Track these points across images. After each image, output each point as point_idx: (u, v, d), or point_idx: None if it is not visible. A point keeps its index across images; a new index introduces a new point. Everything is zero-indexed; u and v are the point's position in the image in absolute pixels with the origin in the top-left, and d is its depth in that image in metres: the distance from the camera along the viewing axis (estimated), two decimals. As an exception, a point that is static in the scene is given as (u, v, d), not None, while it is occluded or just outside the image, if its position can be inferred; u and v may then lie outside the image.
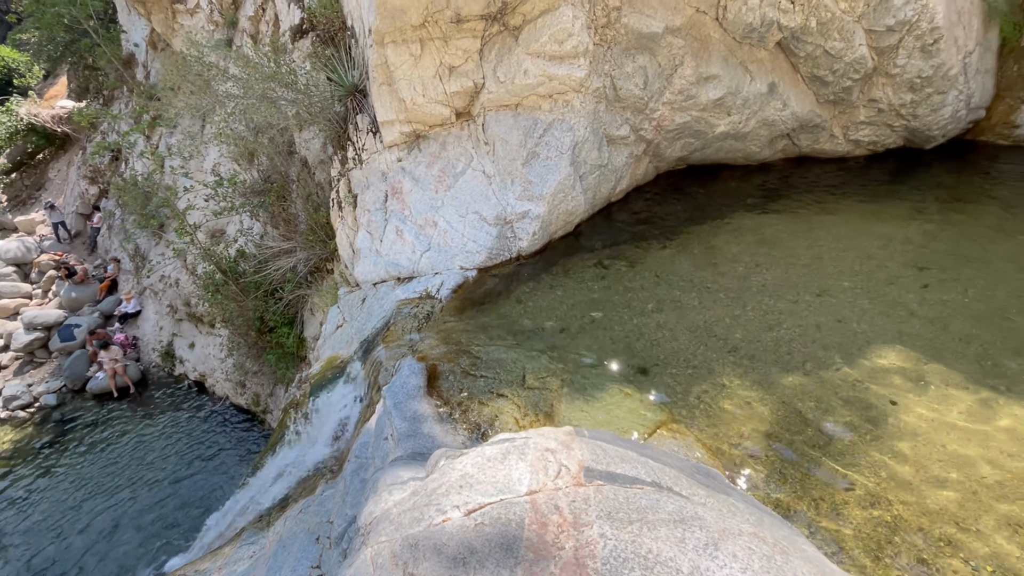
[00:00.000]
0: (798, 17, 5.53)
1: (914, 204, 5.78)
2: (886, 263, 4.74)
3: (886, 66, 5.88)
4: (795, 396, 3.45)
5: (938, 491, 2.78)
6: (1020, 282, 4.31)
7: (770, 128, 6.33)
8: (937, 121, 6.22)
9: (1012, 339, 3.74)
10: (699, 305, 4.43)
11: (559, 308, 4.63)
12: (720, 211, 6.02)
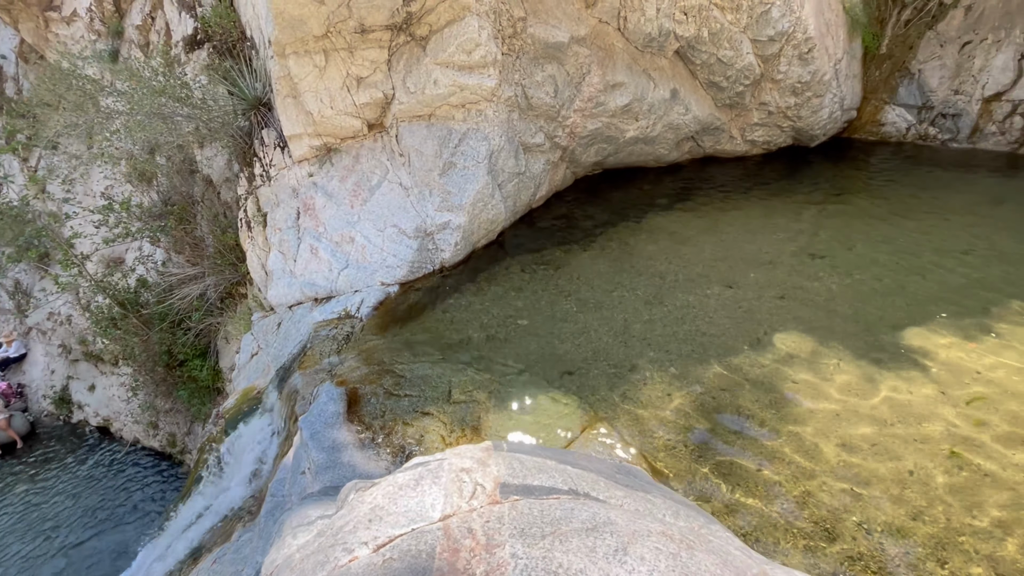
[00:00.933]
0: (691, 28, 5.89)
1: (805, 197, 6.33)
2: (783, 253, 5.13)
3: (771, 72, 6.40)
4: (710, 385, 3.62)
5: (835, 462, 3.02)
6: (892, 264, 4.81)
7: (675, 131, 6.69)
8: (817, 121, 6.86)
9: (890, 316, 4.16)
10: (619, 305, 4.57)
11: (485, 317, 4.59)
12: (636, 212, 6.27)
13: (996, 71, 6.45)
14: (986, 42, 6.46)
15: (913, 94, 7.08)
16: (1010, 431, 3.11)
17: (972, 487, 2.82)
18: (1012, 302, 4.20)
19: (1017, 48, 6.29)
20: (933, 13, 6.70)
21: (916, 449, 3.06)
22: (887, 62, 7.14)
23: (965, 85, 6.71)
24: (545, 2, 5.40)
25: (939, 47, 6.78)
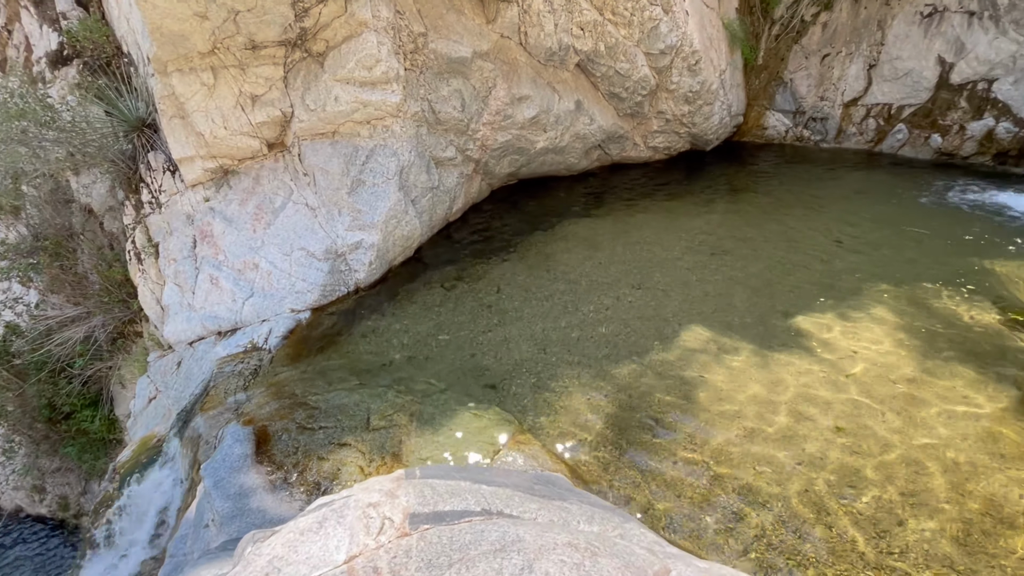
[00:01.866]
0: (589, 42, 6.17)
1: (705, 198, 6.81)
2: (687, 252, 5.47)
3: (666, 83, 6.85)
4: (626, 384, 3.77)
5: (740, 446, 3.24)
6: (780, 256, 5.29)
7: (583, 141, 6.96)
8: (710, 127, 7.42)
9: (778, 303, 4.56)
10: (539, 313, 4.65)
11: (405, 337, 4.49)
12: (551, 220, 6.43)
13: (851, 80, 7.33)
14: (841, 54, 7.33)
15: (788, 100, 7.87)
16: (881, 405, 3.51)
17: (854, 460, 3.14)
18: (879, 283, 4.76)
19: (865, 60, 7.19)
20: (797, 29, 7.50)
21: (808, 427, 3.36)
22: (764, 72, 7.89)
23: (828, 92, 7.57)
24: (445, 18, 5.43)
25: (805, 59, 7.60)
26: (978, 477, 2.94)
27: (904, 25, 6.82)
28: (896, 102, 7.12)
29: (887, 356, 3.88)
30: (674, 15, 6.25)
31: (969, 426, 3.26)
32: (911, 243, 5.35)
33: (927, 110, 6.91)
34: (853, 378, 3.71)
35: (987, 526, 2.71)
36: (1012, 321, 4.14)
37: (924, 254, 5.14)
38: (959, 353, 3.86)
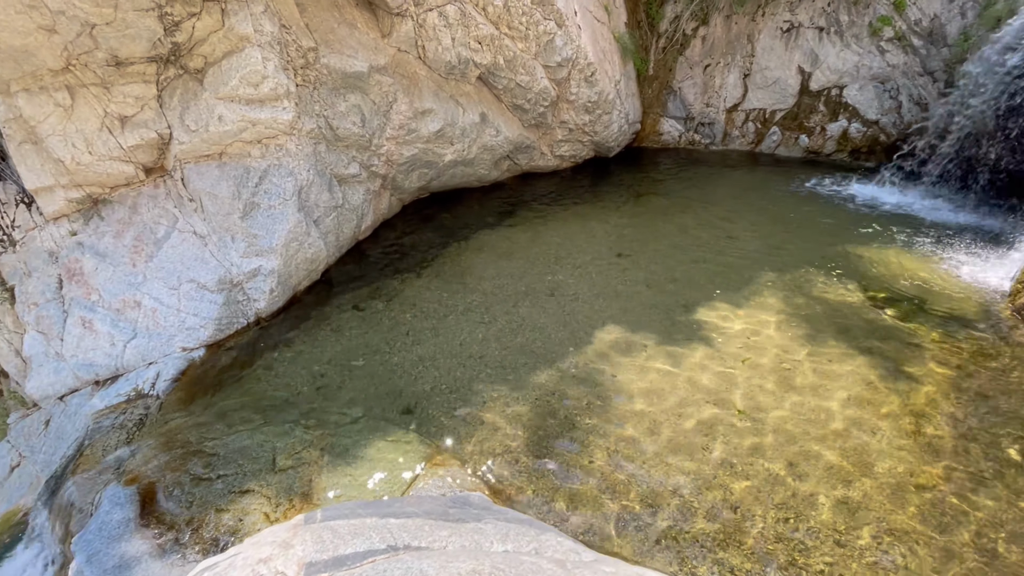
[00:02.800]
0: (488, 56, 6.25)
1: (611, 203, 7.12)
2: (596, 257, 5.68)
3: (566, 94, 7.10)
4: (544, 392, 3.81)
5: (652, 440, 3.39)
6: (679, 253, 5.63)
7: (491, 152, 7.03)
8: (610, 135, 7.79)
9: (680, 298, 4.84)
10: (455, 328, 4.59)
11: (316, 365, 4.25)
12: (466, 232, 6.42)
13: (730, 87, 8.02)
14: (720, 65, 8.01)
15: (678, 107, 8.46)
16: (773, 386, 3.82)
17: (755, 440, 3.38)
18: (766, 272, 5.20)
19: (741, 70, 7.91)
20: (681, 42, 8.11)
21: (711, 415, 3.58)
22: (655, 82, 8.43)
23: (712, 99, 8.23)
24: (337, 32, 5.26)
25: (690, 69, 8.22)
26: (855, 438, 3.28)
27: (769, 39, 7.59)
28: (769, 107, 7.89)
29: (775, 339, 4.25)
30: (567, 29, 6.50)
31: (847, 394, 3.63)
32: (789, 234, 5.93)
33: (794, 114, 7.72)
34: (749, 363, 4.01)
35: (879, 486, 3.02)
36: (872, 298, 4.69)
37: (800, 243, 5.71)
38: (834, 330, 4.30)
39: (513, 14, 6.07)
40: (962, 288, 4.76)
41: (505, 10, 6.00)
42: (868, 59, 6.96)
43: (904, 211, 6.16)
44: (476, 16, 5.95)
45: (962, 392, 3.63)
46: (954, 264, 5.11)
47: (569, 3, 6.71)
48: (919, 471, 3.09)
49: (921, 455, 3.19)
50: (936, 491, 2.98)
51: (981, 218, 5.88)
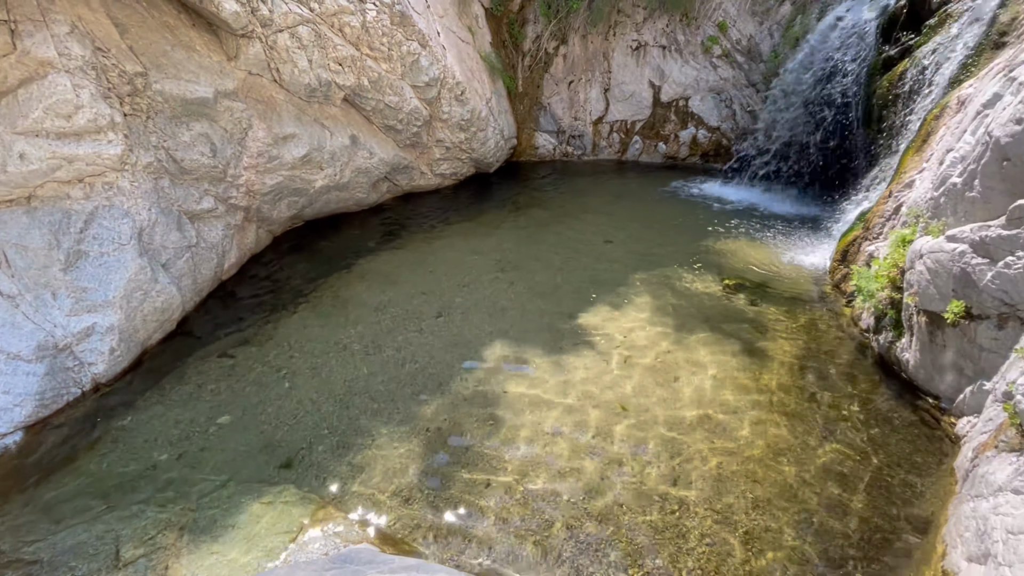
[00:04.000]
0: (351, 77, 6.05)
1: (494, 217, 7.20)
2: (482, 273, 5.69)
3: (438, 113, 7.09)
4: (436, 419, 3.70)
5: (544, 451, 3.42)
6: (561, 262, 5.82)
7: (367, 175, 6.79)
8: (488, 151, 7.92)
9: (564, 306, 5.01)
10: (338, 364, 4.32)
11: (174, 429, 3.73)
12: (347, 259, 6.10)
13: (594, 102, 8.58)
14: (582, 81, 8.54)
15: (550, 122, 8.86)
16: (651, 380, 4.06)
17: (638, 433, 3.56)
18: (638, 272, 5.57)
19: (601, 85, 8.50)
20: (544, 60, 8.51)
21: (598, 417, 3.71)
22: (526, 98, 8.75)
23: (580, 113, 8.73)
24: (170, 56, 4.76)
25: (556, 85, 8.65)
26: (721, 414, 3.59)
27: (622, 56, 8.24)
28: (629, 118, 8.55)
29: (650, 334, 4.54)
30: (432, 49, 6.51)
31: (712, 378, 3.97)
32: (656, 234, 6.43)
33: (651, 123, 8.45)
34: (629, 360, 4.24)
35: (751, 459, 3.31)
36: (727, 287, 5.23)
37: (666, 242, 6.22)
38: (698, 320, 4.71)
39: (373, 35, 5.94)
40: (796, 270, 5.48)
41: (364, 31, 5.86)
42: (705, 73, 7.83)
43: (746, 205, 6.99)
44: (333, 37, 5.73)
45: (803, 359, 4.14)
46: (788, 250, 5.88)
47: (431, 24, 6.74)
48: (775, 433, 3.46)
49: (776, 418, 3.58)
50: (790, 452, 3.35)
51: (806, 208, 6.84)
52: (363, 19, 5.80)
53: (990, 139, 2.72)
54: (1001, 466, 2.30)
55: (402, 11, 6.03)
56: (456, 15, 7.56)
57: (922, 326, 3.41)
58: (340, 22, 5.69)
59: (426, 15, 6.65)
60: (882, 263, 3.83)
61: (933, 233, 3.25)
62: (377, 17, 5.89)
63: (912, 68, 4.76)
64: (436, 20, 6.90)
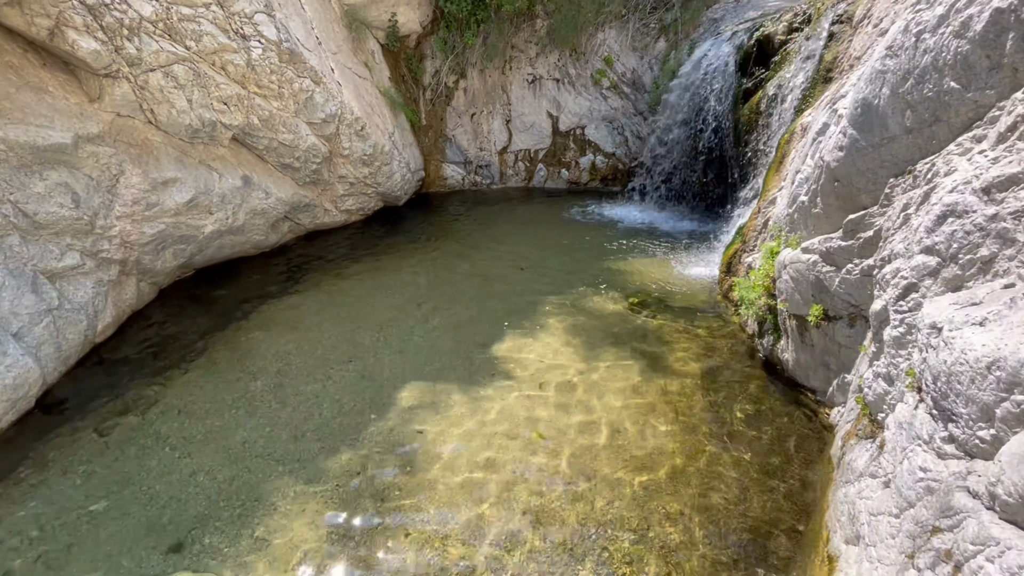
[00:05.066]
0: (238, 116, 5.75)
1: (405, 251, 7.10)
2: (394, 310, 5.56)
3: (338, 149, 6.93)
4: (345, 474, 3.50)
5: (465, 492, 3.35)
6: (474, 293, 5.85)
7: (264, 216, 6.44)
8: (395, 184, 7.84)
9: (478, 337, 5.01)
10: (235, 425, 3.97)
11: (32, 527, 3.21)
12: (246, 308, 5.70)
13: (497, 132, 8.83)
14: (484, 113, 8.77)
15: (456, 153, 8.98)
16: (565, 404, 4.14)
17: (550, 462, 3.59)
18: (549, 296, 5.72)
19: (503, 116, 8.78)
20: (445, 94, 8.66)
21: (517, 445, 3.71)
22: (431, 131, 8.82)
23: (485, 143, 8.94)
24: (16, 98, 4.26)
25: (459, 118, 8.81)
26: (630, 431, 3.73)
27: (519, 89, 8.59)
28: (532, 147, 8.88)
29: (563, 358, 4.65)
30: (327, 86, 6.38)
31: (622, 396, 4.13)
32: (565, 258, 6.67)
33: (553, 151, 8.83)
34: (544, 386, 4.30)
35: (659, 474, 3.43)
36: (632, 304, 5.52)
37: (574, 264, 6.47)
38: (607, 340, 4.91)
39: (260, 73, 5.72)
40: (691, 283, 5.92)
41: (250, 69, 5.62)
42: (597, 103, 8.37)
43: (645, 224, 7.47)
44: (215, 76, 5.44)
45: (701, 367, 4.44)
46: (684, 264, 6.34)
47: (324, 61, 6.62)
48: (680, 440, 3.65)
49: (680, 427, 3.78)
50: (697, 460, 3.54)
51: (697, 223, 7.45)
52: (248, 57, 5.57)
53: (823, 163, 3.14)
54: (861, 453, 2.58)
55: (291, 48, 5.87)
56: (351, 51, 7.50)
57: (794, 328, 3.80)
58: (222, 60, 5.42)
59: (318, 52, 6.52)
60: (757, 273, 4.24)
61: (792, 245, 3.66)
62: (263, 55, 5.69)
63: (765, 98, 5.40)
64: (329, 57, 6.79)
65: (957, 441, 1.74)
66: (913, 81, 2.34)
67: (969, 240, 1.89)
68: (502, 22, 7.90)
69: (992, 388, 1.54)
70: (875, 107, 2.60)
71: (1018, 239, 1.70)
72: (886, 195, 2.67)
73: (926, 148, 2.39)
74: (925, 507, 1.83)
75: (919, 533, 1.83)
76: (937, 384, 1.81)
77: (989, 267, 1.81)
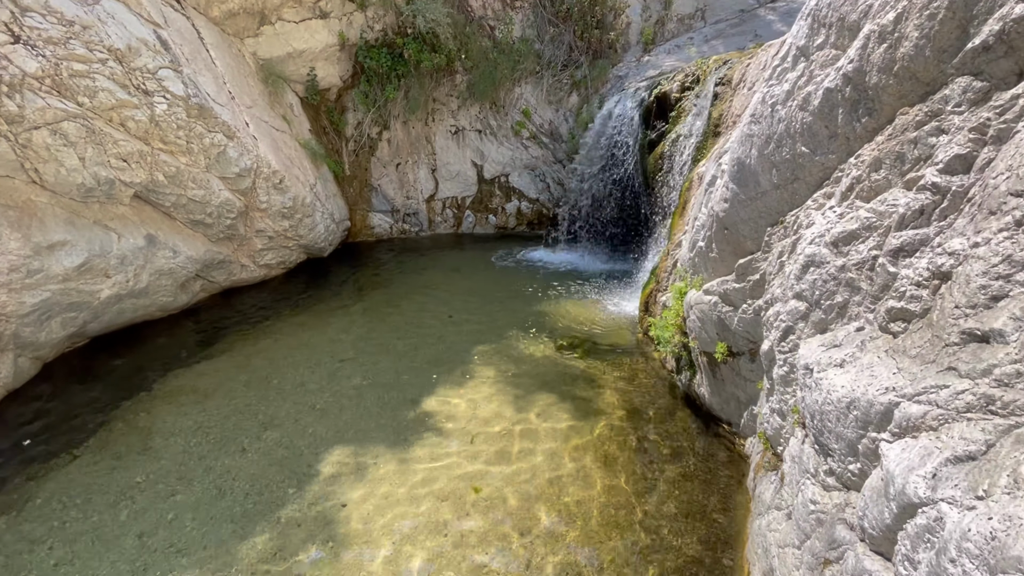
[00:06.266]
0: (141, 173, 5.45)
1: (330, 304, 6.87)
2: (317, 368, 5.31)
3: (255, 203, 6.70)
4: (260, 560, 3.21)
5: (396, 565, 3.17)
6: (402, 344, 5.72)
7: (172, 276, 6.03)
8: (318, 236, 7.65)
9: (408, 392, 4.88)
10: (131, 515, 3.56)
11: None
12: (149, 378, 5.22)
13: (423, 181, 8.93)
14: (409, 163, 8.87)
15: (383, 202, 8.95)
16: (497, 456, 4.09)
17: (492, 512, 3.50)
18: (480, 345, 5.71)
19: (428, 165, 8.92)
20: (369, 144, 8.69)
21: (449, 506, 3.58)
22: (355, 181, 8.76)
23: (412, 192, 8.99)
24: None
25: (384, 168, 8.84)
26: (564, 479, 3.73)
27: (443, 139, 8.80)
28: (459, 195, 9.04)
29: (494, 408, 4.62)
30: (241, 140, 6.22)
31: (554, 442, 4.13)
32: (495, 303, 6.73)
33: (480, 198, 9.04)
34: (476, 440, 4.23)
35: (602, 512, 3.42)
36: (560, 347, 5.63)
37: (503, 309, 6.53)
38: (538, 385, 4.94)
39: (166, 128, 5.48)
40: (615, 322, 6.15)
41: (154, 125, 5.38)
42: (519, 153, 8.72)
43: (570, 267, 7.74)
44: (113, 132, 5.15)
45: (627, 406, 4.56)
46: (608, 304, 6.59)
47: (238, 115, 6.47)
48: (611, 484, 3.68)
49: (613, 477, 3.83)
50: (631, 503, 3.58)
51: (619, 264, 7.81)
52: (151, 113, 5.34)
53: (714, 212, 3.44)
54: (768, 486, 2.74)
55: (200, 103, 5.70)
56: (267, 105, 7.39)
57: (705, 364, 4.02)
58: (121, 116, 5.16)
59: (231, 106, 6.38)
60: (669, 313, 4.49)
61: (696, 287, 3.93)
62: (169, 110, 5.48)
63: (666, 149, 5.88)
64: (243, 111, 6.65)
65: (835, 474, 1.90)
66: (774, 145, 2.65)
67: (827, 287, 2.14)
68: (422, 77, 8.14)
69: (853, 426, 1.72)
70: (748, 165, 2.91)
71: (862, 287, 1.95)
72: (766, 242, 2.96)
73: (791, 202, 2.70)
74: (817, 539, 1.96)
75: (815, 565, 1.95)
76: (815, 421, 1.98)
77: (844, 312, 2.05)
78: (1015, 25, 1.62)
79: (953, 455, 1.21)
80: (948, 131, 1.80)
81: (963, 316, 1.38)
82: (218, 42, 6.82)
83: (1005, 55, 1.66)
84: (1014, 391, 1.15)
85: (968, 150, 1.70)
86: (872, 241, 1.95)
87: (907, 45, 1.90)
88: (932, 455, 1.28)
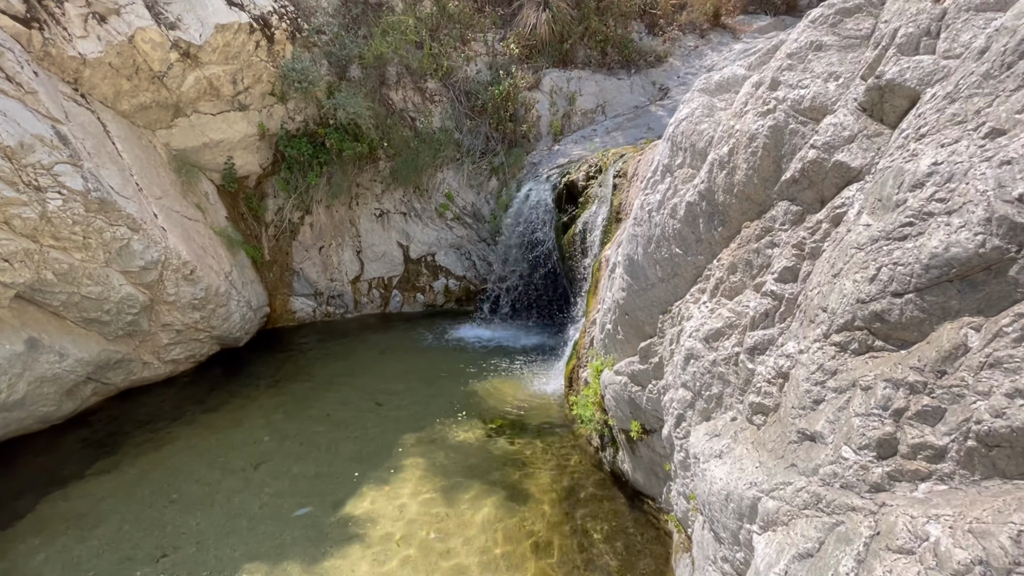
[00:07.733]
0: (26, 273, 5.03)
1: (244, 400, 6.42)
2: (227, 477, 4.88)
3: (161, 296, 6.32)
4: None
5: None
6: (325, 441, 5.41)
7: (57, 383, 5.45)
8: (233, 326, 7.29)
9: (329, 494, 4.58)
10: None
11: None
12: (19, 507, 4.55)
13: (348, 263, 8.89)
14: (333, 246, 8.84)
15: (305, 286, 8.75)
16: (425, 559, 3.88)
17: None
18: (407, 434, 5.53)
19: (353, 247, 8.93)
20: (291, 229, 8.61)
21: (365, 627, 3.31)
22: (275, 266, 8.56)
23: (335, 274, 8.89)
24: None
25: (306, 251, 8.74)
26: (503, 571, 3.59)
27: (368, 222, 8.92)
28: (386, 275, 9.06)
29: (420, 505, 4.43)
30: (147, 232, 5.96)
31: (484, 536, 4.00)
32: (423, 387, 6.62)
33: (407, 278, 9.10)
34: (401, 543, 4.01)
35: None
36: (490, 430, 5.59)
37: (431, 392, 6.43)
38: (467, 475, 4.83)
39: (59, 225, 5.17)
40: (543, 399, 6.23)
41: (45, 222, 5.06)
42: (444, 233, 8.99)
43: (498, 343, 7.85)
44: (-5, 233, 4.78)
45: (557, 489, 4.55)
46: (536, 381, 6.70)
47: (145, 206, 6.24)
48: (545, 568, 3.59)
49: (546, 570, 3.74)
50: (556, 601, 3.49)
51: (546, 339, 8.03)
52: (43, 209, 5.04)
53: (616, 298, 3.72)
54: (684, 568, 2.81)
55: (101, 197, 5.46)
56: (179, 194, 7.20)
57: (624, 441, 4.17)
58: (5, 215, 4.82)
59: (137, 198, 6.16)
60: (588, 391, 4.65)
61: (608, 366, 4.14)
62: (64, 206, 5.20)
63: (578, 231, 6.34)
64: (152, 202, 6.43)
65: (729, 561, 2.02)
66: (655, 245, 2.99)
67: (704, 379, 2.37)
68: (345, 164, 8.34)
69: (732, 516, 1.87)
70: (636, 261, 3.23)
71: (731, 380, 2.19)
72: (659, 328, 3.24)
73: (675, 294, 3.01)
74: (722, 627, 2.04)
75: (722, 655, 2.01)
76: (707, 510, 2.12)
77: (721, 402, 2.28)
78: (811, 165, 2.01)
79: (797, 552, 1.36)
80: (779, 244, 2.14)
81: (798, 416, 1.60)
82: (126, 135, 6.68)
83: (809, 187, 2.05)
84: (833, 490, 1.34)
85: (793, 263, 2.03)
86: (734, 338, 2.22)
87: (740, 173, 2.29)
88: (784, 551, 1.42)
